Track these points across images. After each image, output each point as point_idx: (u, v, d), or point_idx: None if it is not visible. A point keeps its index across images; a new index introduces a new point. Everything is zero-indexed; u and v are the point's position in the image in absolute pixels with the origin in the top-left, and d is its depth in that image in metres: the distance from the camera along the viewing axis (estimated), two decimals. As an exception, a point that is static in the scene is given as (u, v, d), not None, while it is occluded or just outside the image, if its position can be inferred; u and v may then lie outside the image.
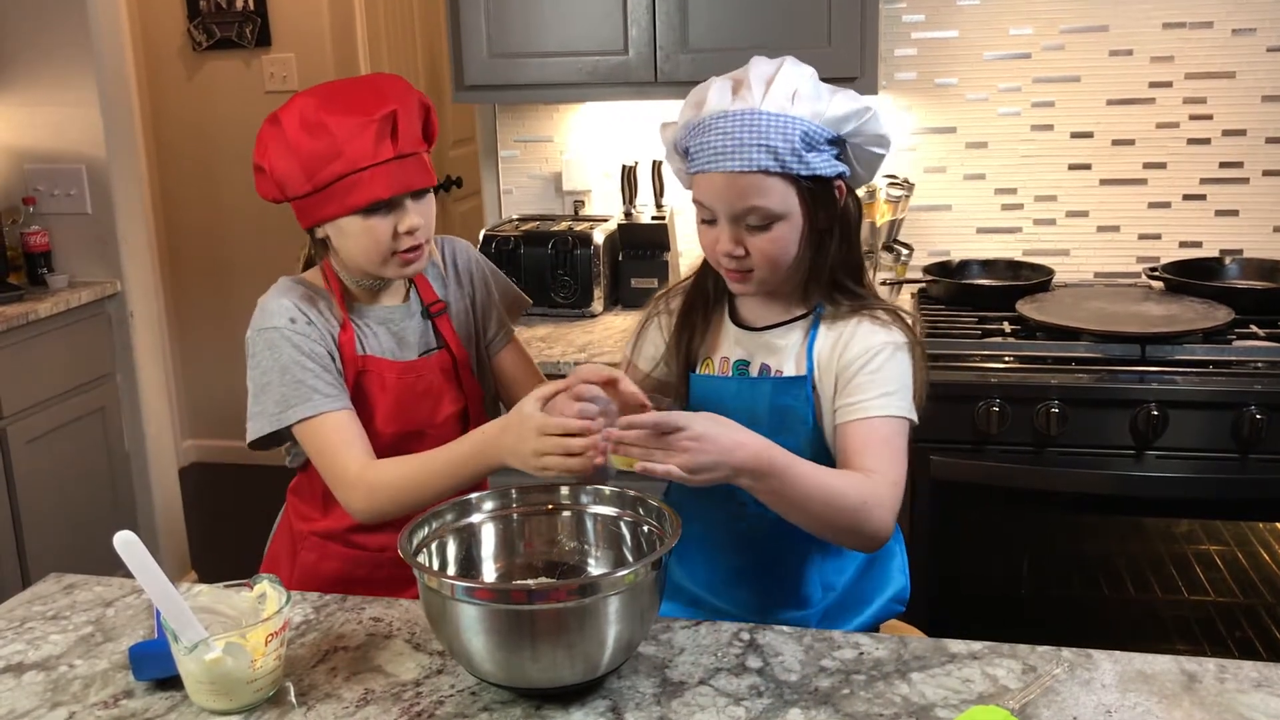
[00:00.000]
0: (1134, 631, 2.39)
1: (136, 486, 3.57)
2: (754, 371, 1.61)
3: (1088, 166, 2.85)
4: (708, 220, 1.54)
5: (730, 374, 1.63)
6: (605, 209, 3.12)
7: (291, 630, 1.44)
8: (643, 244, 2.90)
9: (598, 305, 2.82)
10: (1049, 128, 2.85)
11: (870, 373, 1.51)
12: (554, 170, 3.15)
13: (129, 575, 1.25)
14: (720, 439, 1.34)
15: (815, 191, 1.51)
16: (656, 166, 2.94)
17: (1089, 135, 2.83)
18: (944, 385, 2.29)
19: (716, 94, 1.52)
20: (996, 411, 2.27)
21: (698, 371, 1.65)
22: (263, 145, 1.61)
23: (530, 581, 1.34)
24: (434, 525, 1.37)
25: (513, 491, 1.45)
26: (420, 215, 1.62)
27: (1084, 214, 2.88)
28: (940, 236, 2.95)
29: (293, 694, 1.31)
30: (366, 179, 1.56)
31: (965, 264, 2.87)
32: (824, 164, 1.50)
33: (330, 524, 1.74)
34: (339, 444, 1.60)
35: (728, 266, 1.55)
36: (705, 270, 1.66)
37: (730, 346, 1.64)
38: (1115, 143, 2.82)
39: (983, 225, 2.93)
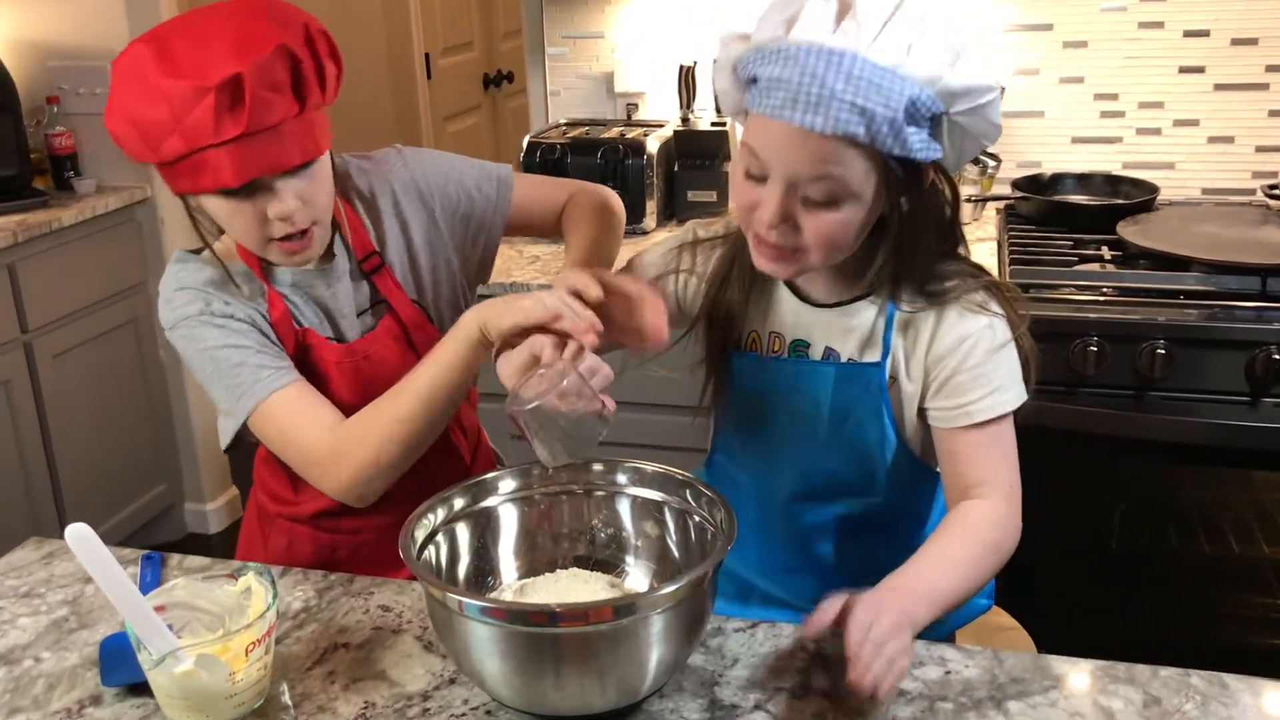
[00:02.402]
0: (1234, 586, 2.17)
1: (173, 400, 3.44)
2: (816, 354, 1.34)
3: (1201, 69, 2.53)
4: (754, 175, 1.19)
5: (786, 355, 1.35)
6: (660, 113, 2.86)
7: (288, 620, 1.26)
8: (700, 153, 2.65)
9: (650, 220, 2.58)
10: (1158, 25, 2.53)
11: (971, 370, 1.25)
12: (605, 70, 2.89)
13: (145, 525, 1.08)
14: (889, 615, 1.07)
15: (900, 173, 1.17)
16: (717, 67, 2.67)
17: (1204, 34, 2.51)
18: (1034, 320, 2.02)
19: (814, 11, 1.14)
20: (1094, 351, 2.02)
21: (743, 346, 1.37)
22: (108, 103, 1.26)
23: (553, 602, 1.14)
24: (441, 513, 1.17)
25: (535, 470, 1.24)
26: (297, 197, 1.28)
27: (1194, 123, 2.57)
28: (1031, 146, 2.66)
29: (287, 695, 1.14)
30: (211, 161, 1.22)
31: (1058, 178, 2.59)
32: (920, 144, 1.15)
33: (299, 508, 1.52)
34: (294, 421, 1.34)
35: (766, 239, 1.20)
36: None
37: (784, 323, 1.35)
38: (1235, 42, 2.50)
39: (1079, 134, 2.64)
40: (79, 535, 1.04)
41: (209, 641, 1.07)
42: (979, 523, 1.24)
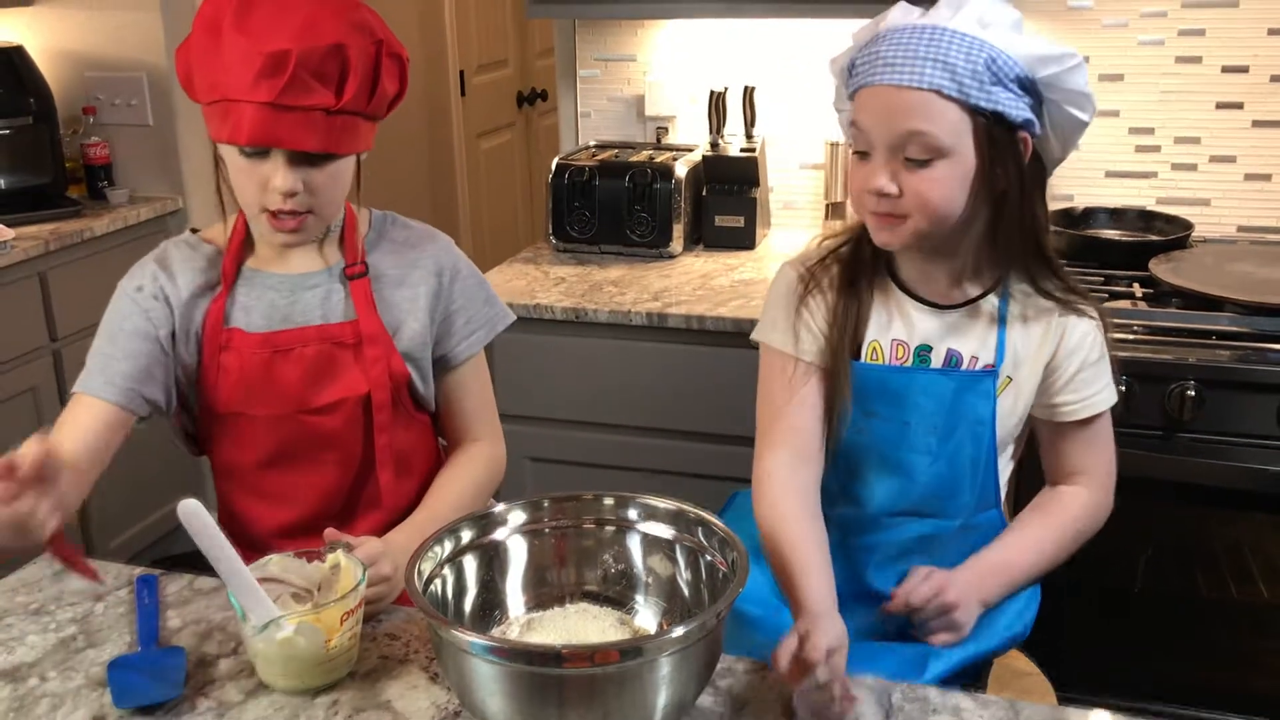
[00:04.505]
0: (1262, 633, 2.13)
1: (198, 411, 3.45)
2: (939, 358, 1.39)
3: (1239, 106, 2.50)
4: (861, 152, 1.32)
5: (910, 360, 1.40)
6: (690, 138, 2.84)
7: (296, 646, 1.25)
8: (730, 178, 2.64)
9: (677, 245, 2.57)
10: (1196, 60, 2.50)
11: (1094, 364, 1.40)
12: (636, 93, 2.88)
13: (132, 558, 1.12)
14: (969, 605, 1.35)
15: (995, 135, 1.27)
16: (748, 93, 2.66)
17: (1243, 70, 2.48)
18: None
19: (900, 12, 1.34)
20: (1122, 390, 1.98)
21: (863, 358, 1.41)
22: (189, 36, 1.38)
23: (559, 643, 1.12)
24: (449, 545, 1.16)
25: (545, 502, 1.23)
26: (303, 181, 1.34)
27: (1230, 159, 2.53)
28: (1064, 180, 2.63)
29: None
30: (234, 112, 1.31)
31: (1091, 212, 2.56)
32: (1009, 102, 1.26)
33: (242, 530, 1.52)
34: (61, 419, 1.40)
35: (874, 209, 1.31)
36: (866, 233, 1.41)
37: (909, 329, 1.40)
38: (1275, 79, 2.46)
39: (1113, 169, 2.60)
40: (192, 511, 1.11)
41: (308, 611, 1.14)
42: (1071, 511, 1.43)
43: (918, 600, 1.33)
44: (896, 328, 1.41)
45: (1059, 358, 1.39)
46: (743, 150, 2.64)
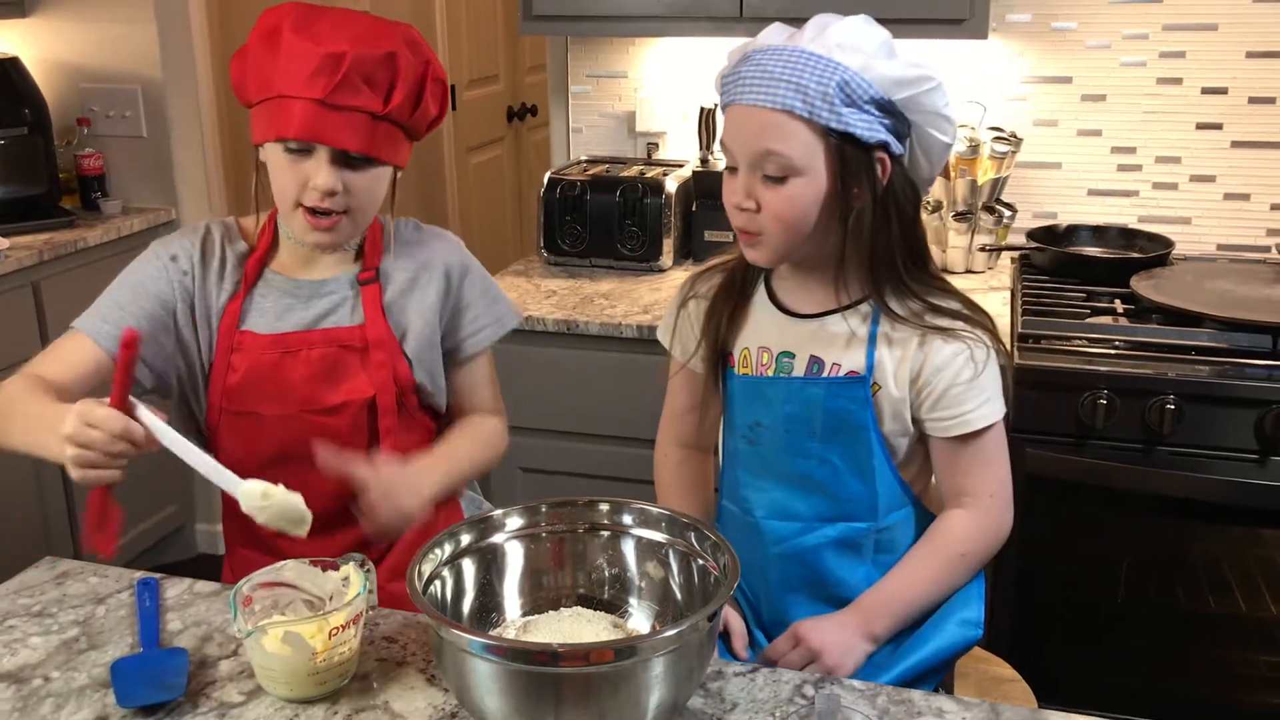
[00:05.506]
0: (1240, 644, 2.17)
1: (190, 421, 3.46)
2: (801, 365, 1.43)
3: (1218, 126, 2.55)
4: (729, 168, 1.39)
5: (773, 367, 1.44)
6: (680, 153, 2.89)
7: (295, 648, 1.28)
8: (718, 194, 2.61)
9: (667, 259, 2.61)
10: (1177, 81, 2.55)
11: (966, 382, 1.38)
12: (627, 109, 2.92)
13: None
14: (838, 648, 1.35)
15: (847, 155, 1.32)
16: (738, 110, 2.70)
17: (1223, 91, 2.53)
18: (1045, 371, 2.07)
19: (770, 33, 1.39)
20: (1103, 404, 2.03)
21: (735, 366, 1.47)
22: (246, 43, 1.44)
23: (555, 643, 1.15)
24: (448, 548, 1.19)
25: (543, 507, 1.26)
26: (341, 181, 1.39)
27: (1210, 179, 2.59)
28: (1047, 197, 2.68)
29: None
30: (284, 108, 1.37)
31: (1074, 229, 2.60)
32: (861, 124, 1.31)
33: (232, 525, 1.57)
34: (42, 355, 1.45)
35: (736, 223, 1.39)
36: None
37: (770, 335, 1.45)
38: (1252, 100, 2.52)
39: (1095, 187, 2.65)
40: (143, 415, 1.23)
41: (296, 621, 1.15)
42: (952, 536, 1.43)
43: (774, 654, 1.37)
44: (762, 335, 1.46)
45: (925, 375, 1.39)
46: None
